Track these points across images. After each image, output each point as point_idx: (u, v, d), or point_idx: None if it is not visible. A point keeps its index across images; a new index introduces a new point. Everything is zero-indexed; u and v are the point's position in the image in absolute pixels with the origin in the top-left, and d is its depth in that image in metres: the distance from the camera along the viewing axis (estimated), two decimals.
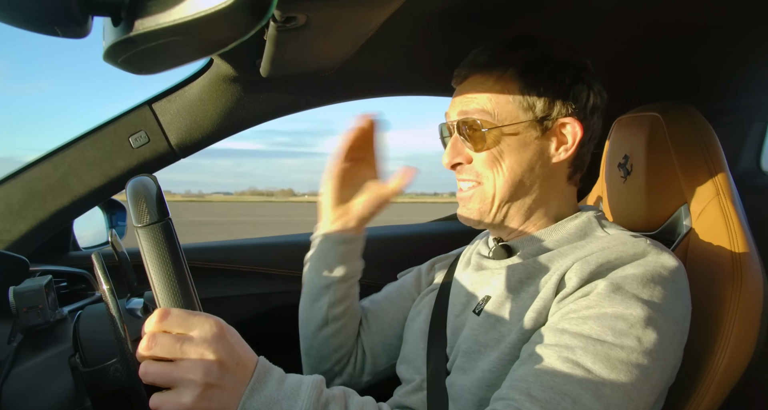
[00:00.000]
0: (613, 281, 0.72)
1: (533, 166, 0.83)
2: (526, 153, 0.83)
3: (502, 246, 0.89)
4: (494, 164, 0.83)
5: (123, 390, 0.67)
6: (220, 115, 1.15)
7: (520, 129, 0.82)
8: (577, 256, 0.78)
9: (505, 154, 0.83)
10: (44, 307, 0.82)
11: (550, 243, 0.85)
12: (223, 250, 1.49)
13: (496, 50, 0.84)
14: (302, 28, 0.71)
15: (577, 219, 0.86)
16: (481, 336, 0.81)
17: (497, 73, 0.82)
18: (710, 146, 0.96)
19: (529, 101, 0.82)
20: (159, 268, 0.59)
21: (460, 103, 0.85)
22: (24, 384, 0.73)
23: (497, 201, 0.85)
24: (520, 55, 0.82)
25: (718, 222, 0.90)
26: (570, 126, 0.82)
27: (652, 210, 0.99)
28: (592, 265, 0.75)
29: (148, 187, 0.62)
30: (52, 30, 0.42)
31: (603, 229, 0.85)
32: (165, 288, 0.59)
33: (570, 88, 0.82)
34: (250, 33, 0.43)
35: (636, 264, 0.75)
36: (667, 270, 0.75)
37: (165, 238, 0.59)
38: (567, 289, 0.75)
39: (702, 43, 1.08)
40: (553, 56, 0.83)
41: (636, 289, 0.72)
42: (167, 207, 0.61)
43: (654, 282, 0.73)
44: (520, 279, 0.81)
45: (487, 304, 0.83)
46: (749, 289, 0.83)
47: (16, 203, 1.11)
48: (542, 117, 0.82)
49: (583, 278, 0.74)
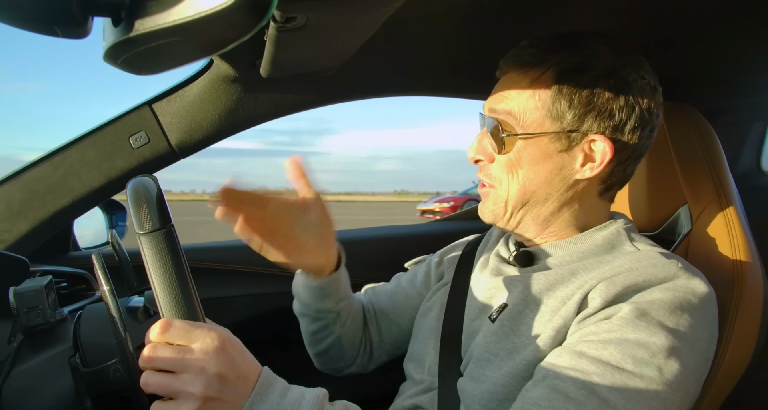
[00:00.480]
0: (638, 306, 0.68)
1: (551, 179, 0.79)
2: (545, 165, 0.78)
3: (524, 253, 0.85)
4: (511, 170, 0.79)
5: (123, 391, 0.67)
6: (220, 115, 1.15)
7: (543, 140, 0.77)
8: (603, 274, 0.74)
9: (523, 162, 0.78)
10: (44, 307, 0.82)
11: (575, 254, 0.81)
12: (223, 250, 1.49)
13: (539, 48, 0.78)
14: (302, 28, 0.71)
15: (604, 229, 0.82)
16: (493, 344, 0.78)
17: (533, 74, 0.77)
18: (711, 146, 0.96)
19: (558, 111, 0.76)
20: (162, 277, 0.58)
21: (493, 99, 0.81)
22: (24, 385, 0.73)
23: (510, 207, 0.82)
24: (560, 58, 0.76)
25: (719, 223, 0.90)
26: (600, 144, 0.76)
27: (652, 211, 0.99)
28: (618, 287, 0.70)
29: (149, 191, 0.61)
30: (52, 30, 0.42)
31: (632, 243, 0.81)
32: (168, 298, 0.59)
33: (608, 102, 0.75)
34: (250, 33, 0.43)
35: (664, 289, 0.70)
36: (696, 296, 0.70)
37: (168, 246, 0.59)
38: (589, 309, 0.71)
39: (702, 43, 1.08)
40: (597, 63, 0.75)
41: (662, 316, 0.67)
42: (169, 213, 0.61)
43: (681, 310, 0.68)
44: (540, 290, 0.77)
45: (503, 313, 0.79)
46: (749, 289, 0.83)
47: (17, 203, 1.11)
48: (570, 130, 0.76)
49: (608, 299, 0.70)
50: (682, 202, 0.97)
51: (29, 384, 0.73)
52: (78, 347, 0.75)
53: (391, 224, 1.80)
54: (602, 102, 0.75)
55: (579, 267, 0.77)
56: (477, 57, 1.14)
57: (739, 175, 1.51)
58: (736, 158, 1.59)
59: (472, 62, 1.17)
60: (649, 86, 0.78)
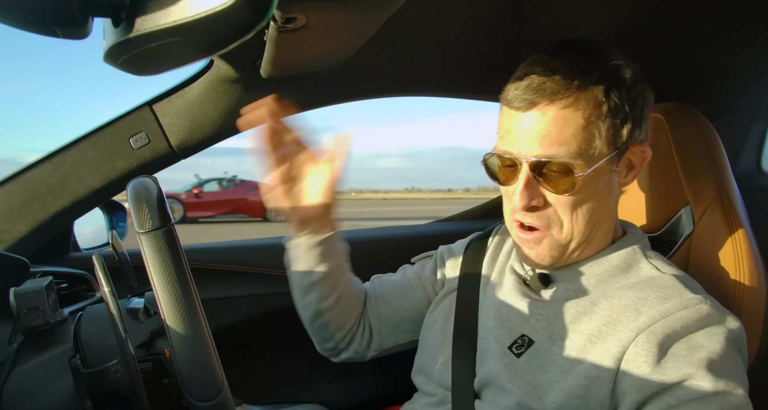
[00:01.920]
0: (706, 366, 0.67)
1: (608, 200, 0.78)
2: (606, 188, 0.76)
3: (541, 275, 0.83)
4: (576, 207, 0.75)
5: (123, 391, 0.67)
6: (220, 115, 1.15)
7: (605, 165, 0.74)
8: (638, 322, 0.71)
9: (591, 196, 0.75)
10: (45, 308, 0.82)
11: (592, 277, 0.79)
12: (223, 251, 1.49)
13: (565, 72, 0.72)
14: (302, 28, 0.71)
15: (620, 249, 0.81)
16: (518, 378, 0.77)
17: (576, 99, 0.71)
18: (713, 147, 0.96)
19: (613, 132, 0.73)
20: (162, 276, 0.59)
21: (536, 138, 0.72)
22: (24, 385, 0.73)
23: (573, 245, 0.78)
24: (594, 79, 0.72)
25: (721, 224, 0.90)
26: (640, 151, 0.77)
27: (654, 212, 0.99)
28: (659, 336, 0.69)
29: (149, 191, 0.62)
30: (52, 31, 0.42)
31: (648, 260, 0.80)
32: (168, 296, 0.59)
33: (642, 108, 0.76)
34: (250, 34, 0.43)
35: (708, 334, 0.69)
36: (734, 335, 0.71)
37: (167, 245, 0.59)
38: (644, 369, 0.69)
39: (702, 43, 1.08)
40: (627, 72, 0.75)
41: (723, 367, 0.68)
42: (169, 212, 0.61)
43: (732, 352, 0.70)
44: (565, 324, 0.76)
45: (530, 349, 0.78)
46: (751, 291, 0.83)
47: (17, 204, 1.11)
48: (621, 146, 0.75)
49: (654, 353, 0.69)
50: (684, 203, 0.97)
51: (29, 385, 0.73)
52: (78, 348, 0.75)
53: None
54: (638, 110, 0.76)
55: (599, 295, 0.77)
56: (478, 57, 1.14)
57: (740, 175, 1.51)
58: (736, 158, 1.59)
59: (473, 63, 1.17)
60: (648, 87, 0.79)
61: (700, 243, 0.92)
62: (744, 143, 1.61)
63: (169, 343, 0.62)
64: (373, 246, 1.59)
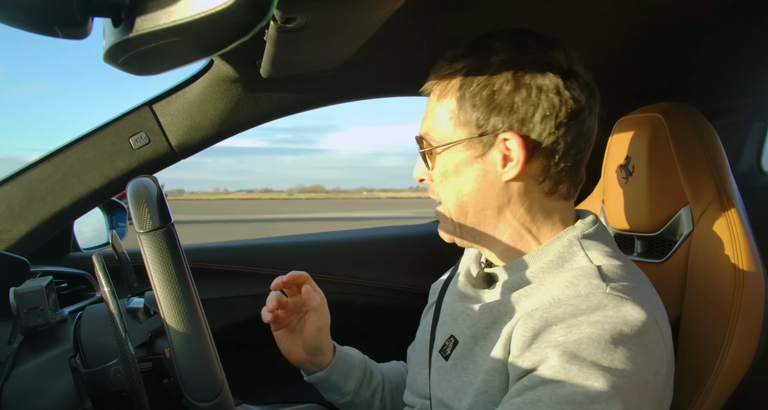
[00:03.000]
0: (565, 349, 0.63)
1: (479, 187, 0.76)
2: (468, 173, 0.76)
3: (484, 274, 0.82)
4: (443, 184, 0.79)
5: (124, 391, 0.67)
6: (220, 115, 1.15)
7: (458, 148, 0.75)
8: (524, 308, 0.70)
9: (449, 174, 0.77)
10: (45, 308, 0.82)
11: (529, 273, 0.76)
12: (223, 251, 1.49)
13: (448, 58, 0.76)
14: (302, 28, 0.71)
15: (558, 241, 0.77)
16: (444, 383, 0.78)
17: (442, 86, 0.77)
18: (712, 147, 0.96)
19: (464, 117, 0.74)
20: (162, 276, 0.59)
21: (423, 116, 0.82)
22: (24, 385, 0.73)
23: (455, 222, 0.80)
24: (462, 65, 0.74)
25: (720, 224, 0.90)
26: (512, 141, 0.72)
27: (653, 212, 0.99)
28: (536, 321, 0.66)
29: (149, 191, 0.62)
30: (52, 31, 0.42)
31: (585, 253, 0.75)
32: (168, 296, 0.60)
33: (508, 96, 0.71)
34: (250, 33, 0.43)
35: (593, 322, 0.64)
36: (629, 325, 0.64)
37: (168, 245, 0.60)
38: (513, 353, 0.67)
39: (702, 43, 1.08)
40: (494, 60, 0.72)
41: (594, 355, 0.62)
42: (169, 212, 0.61)
43: (615, 344, 0.63)
44: (487, 324, 0.75)
45: (455, 350, 0.78)
46: (751, 291, 0.83)
47: (17, 204, 1.11)
48: (480, 133, 0.74)
49: (527, 337, 0.66)
50: (683, 202, 0.97)
51: (29, 384, 0.73)
52: (78, 348, 0.75)
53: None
54: (502, 98, 0.72)
55: (522, 294, 0.73)
56: None
57: (740, 175, 1.51)
58: (736, 158, 1.59)
59: None
60: (552, 69, 0.72)
61: (700, 243, 0.92)
62: (744, 143, 1.61)
63: (169, 343, 0.62)
64: (373, 246, 1.59)
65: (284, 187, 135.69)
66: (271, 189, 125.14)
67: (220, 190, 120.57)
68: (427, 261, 1.35)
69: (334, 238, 1.63)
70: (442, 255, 1.11)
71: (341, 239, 1.62)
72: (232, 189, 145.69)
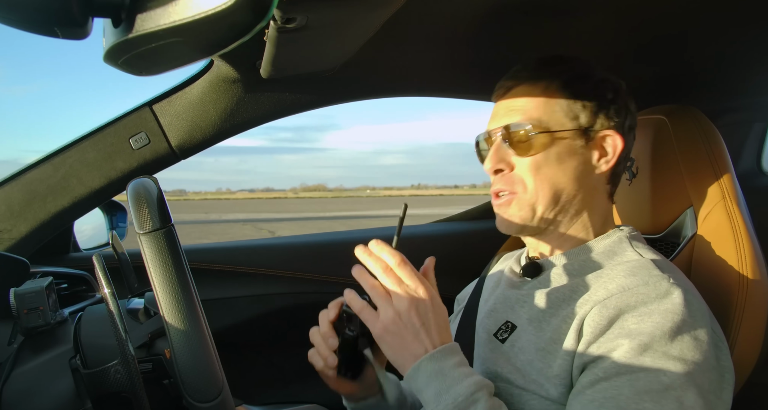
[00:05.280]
0: (639, 341, 0.68)
1: (577, 175, 0.83)
2: (571, 161, 0.82)
3: (532, 264, 0.87)
4: (538, 171, 0.82)
5: (124, 392, 0.67)
6: (220, 116, 1.15)
7: (566, 136, 0.82)
8: (596, 296, 0.75)
9: (550, 160, 0.82)
10: (45, 309, 0.82)
11: (578, 264, 0.83)
12: (224, 251, 1.49)
13: (538, 64, 0.85)
14: (302, 29, 0.71)
15: (608, 238, 0.85)
16: (502, 362, 0.80)
17: (543, 84, 0.83)
18: (716, 148, 0.96)
19: (574, 111, 0.82)
20: (162, 276, 0.59)
21: (506, 112, 0.85)
22: (24, 386, 0.73)
23: (539, 209, 0.83)
24: (561, 70, 0.84)
25: (724, 226, 0.89)
26: (611, 139, 0.83)
27: (657, 214, 0.99)
28: (611, 310, 0.72)
29: (149, 191, 0.62)
30: (52, 31, 0.42)
31: (634, 250, 0.83)
32: (168, 296, 0.60)
33: (611, 103, 0.83)
34: (250, 34, 0.43)
35: (663, 312, 0.70)
36: (691, 314, 0.71)
37: (168, 245, 0.60)
38: (588, 338, 0.72)
39: (703, 44, 1.08)
40: (593, 73, 0.85)
41: (665, 346, 0.68)
42: (169, 212, 0.61)
43: (681, 333, 0.69)
44: (545, 310, 0.80)
45: (513, 334, 0.82)
46: (754, 292, 0.83)
47: (17, 204, 1.11)
48: (586, 127, 0.83)
49: (602, 324, 0.71)
50: (688, 204, 0.96)
51: (30, 385, 0.73)
52: (78, 348, 0.75)
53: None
54: (606, 103, 0.83)
55: (579, 283, 0.80)
56: (478, 57, 1.14)
57: (740, 176, 1.51)
58: (736, 158, 1.59)
59: (474, 63, 1.17)
60: (628, 94, 0.86)
61: (704, 244, 0.92)
62: (744, 143, 1.61)
63: (170, 344, 0.62)
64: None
65: (286, 186, 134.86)
66: (272, 188, 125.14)
67: (223, 189, 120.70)
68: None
69: (334, 238, 1.63)
70: (449, 255, 1.11)
71: (342, 239, 1.62)
72: (234, 188, 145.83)
